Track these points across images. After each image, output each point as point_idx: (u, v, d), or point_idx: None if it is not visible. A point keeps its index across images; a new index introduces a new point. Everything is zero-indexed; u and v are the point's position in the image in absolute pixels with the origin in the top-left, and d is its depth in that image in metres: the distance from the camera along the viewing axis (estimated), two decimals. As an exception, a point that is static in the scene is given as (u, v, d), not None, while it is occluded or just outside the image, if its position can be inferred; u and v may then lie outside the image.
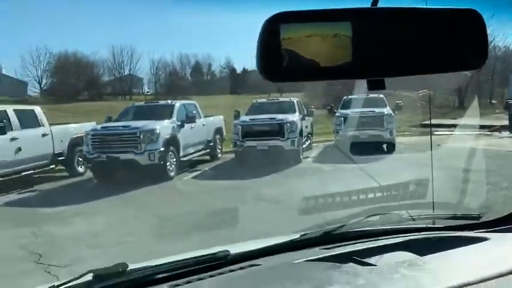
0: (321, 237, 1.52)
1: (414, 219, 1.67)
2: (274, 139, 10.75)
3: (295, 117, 11.38)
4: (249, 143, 10.80)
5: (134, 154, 9.24)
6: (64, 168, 10.55)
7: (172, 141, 9.87)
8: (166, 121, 10.04)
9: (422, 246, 1.38)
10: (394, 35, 0.80)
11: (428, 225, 1.64)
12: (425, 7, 0.89)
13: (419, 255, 1.31)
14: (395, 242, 1.44)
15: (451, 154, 8.08)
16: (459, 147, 9.63)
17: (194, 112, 11.27)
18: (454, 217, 1.66)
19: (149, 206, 7.45)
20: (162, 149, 9.38)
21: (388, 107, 12.84)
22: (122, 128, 9.65)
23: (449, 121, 15.50)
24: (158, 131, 9.45)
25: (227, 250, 1.38)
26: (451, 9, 0.87)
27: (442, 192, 2.37)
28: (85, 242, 5.50)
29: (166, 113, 10.41)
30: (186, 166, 10.54)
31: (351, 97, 14.43)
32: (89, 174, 10.08)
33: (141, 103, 13.61)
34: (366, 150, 10.25)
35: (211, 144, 11.96)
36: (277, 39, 0.78)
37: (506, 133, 14.86)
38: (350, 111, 12.65)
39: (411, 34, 0.81)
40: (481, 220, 1.63)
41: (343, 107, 13.36)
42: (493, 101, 25.84)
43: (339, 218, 1.82)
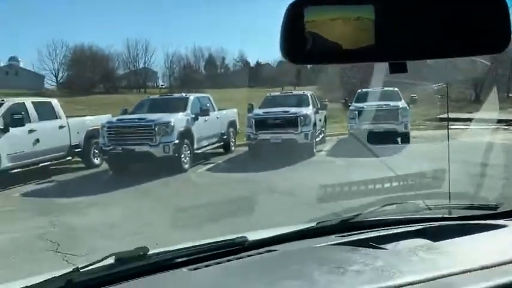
0: (338, 225, 1.54)
1: (430, 208, 1.67)
2: (287, 132, 10.70)
3: (308, 110, 11.31)
4: (263, 136, 10.79)
5: (149, 146, 9.32)
6: (80, 159, 10.68)
7: (186, 133, 9.92)
8: (180, 114, 10.09)
9: (439, 233, 1.39)
10: (417, 18, 0.80)
11: (444, 215, 1.64)
12: None
13: (436, 241, 1.32)
14: (411, 229, 1.45)
15: (467, 148, 7.98)
16: (475, 141, 9.49)
17: (208, 105, 11.30)
18: (471, 207, 1.66)
19: (164, 198, 7.53)
20: (177, 142, 9.45)
21: (403, 101, 12.71)
22: (138, 121, 9.72)
23: (465, 115, 15.27)
24: (173, 124, 9.51)
25: (244, 236, 1.40)
26: None
27: (459, 184, 2.35)
28: (101, 232, 5.59)
29: (180, 106, 10.46)
30: (200, 159, 10.62)
31: (366, 90, 14.29)
32: (105, 166, 10.21)
33: (156, 96, 13.69)
34: (381, 141, 10.17)
35: (224, 137, 11.99)
36: (301, 22, 0.79)
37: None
38: (364, 104, 12.54)
39: (434, 17, 0.81)
40: (499, 210, 1.62)
41: (357, 100, 13.26)
42: (511, 95, 25.37)
43: (355, 207, 1.83)
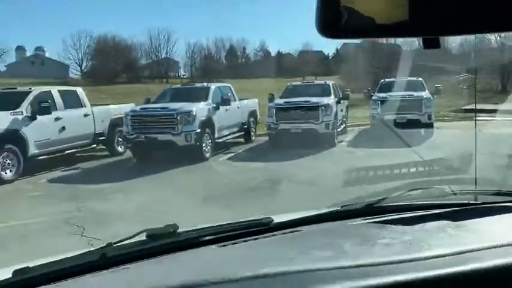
0: (362, 209, 1.54)
1: (456, 194, 1.66)
2: (308, 122, 10.65)
3: (330, 100, 11.21)
4: (283, 126, 10.79)
5: (171, 135, 9.44)
6: (105, 147, 10.90)
7: (207, 123, 10.01)
8: (202, 103, 10.17)
9: (466, 215, 1.39)
10: None
11: (470, 200, 1.63)
12: None
13: (463, 221, 1.32)
14: (438, 212, 1.45)
15: (494, 140, 7.81)
16: (502, 132, 9.28)
17: (229, 95, 11.34)
18: (498, 193, 1.64)
19: (186, 185, 7.64)
20: (198, 131, 9.54)
21: (427, 91, 12.48)
22: (160, 110, 9.84)
23: (491, 106, 14.90)
24: (195, 113, 9.59)
25: (270, 217, 1.43)
26: None
27: (485, 172, 2.33)
28: (125, 217, 5.71)
29: (202, 96, 10.54)
30: (221, 148, 10.70)
31: (389, 80, 14.08)
32: (128, 153, 10.40)
33: (178, 86, 13.81)
34: (405, 127, 10.06)
35: (245, 126, 12.04)
36: None
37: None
38: (387, 94, 12.36)
39: None
40: None
41: (380, 90, 13.06)
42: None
43: (380, 191, 1.83)
